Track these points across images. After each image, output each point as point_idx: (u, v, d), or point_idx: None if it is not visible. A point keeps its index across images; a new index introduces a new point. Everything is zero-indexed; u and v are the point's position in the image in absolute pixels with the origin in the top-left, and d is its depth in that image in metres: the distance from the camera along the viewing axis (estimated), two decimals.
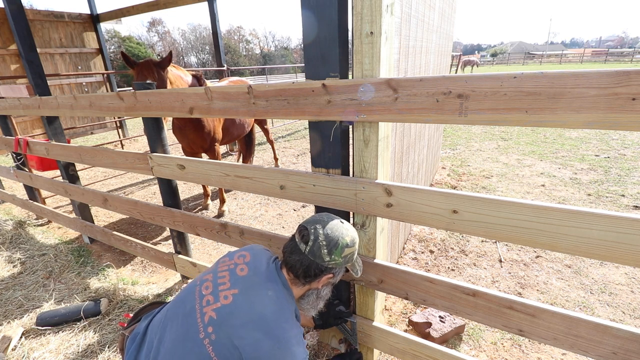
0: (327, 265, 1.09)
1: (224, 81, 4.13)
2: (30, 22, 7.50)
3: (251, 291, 1.05)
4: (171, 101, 1.75)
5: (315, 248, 1.08)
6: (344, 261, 1.12)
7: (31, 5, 35.37)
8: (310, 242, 1.08)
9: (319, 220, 1.13)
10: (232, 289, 1.06)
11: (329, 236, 1.09)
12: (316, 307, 1.22)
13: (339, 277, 1.18)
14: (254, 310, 1.01)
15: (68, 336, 2.05)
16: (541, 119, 0.92)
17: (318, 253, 1.08)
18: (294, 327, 1.04)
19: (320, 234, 1.08)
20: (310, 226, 1.11)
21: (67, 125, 8.06)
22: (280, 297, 1.07)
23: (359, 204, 1.34)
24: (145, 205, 2.30)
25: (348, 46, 1.30)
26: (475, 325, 1.99)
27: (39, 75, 3.41)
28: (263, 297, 1.04)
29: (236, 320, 0.99)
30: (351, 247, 1.13)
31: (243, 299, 1.03)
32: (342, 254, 1.10)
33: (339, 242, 1.09)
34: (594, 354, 1.05)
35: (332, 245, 1.08)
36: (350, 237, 1.13)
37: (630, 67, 0.79)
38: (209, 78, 22.27)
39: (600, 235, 0.92)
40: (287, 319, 1.03)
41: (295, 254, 1.10)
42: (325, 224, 1.11)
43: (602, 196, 3.57)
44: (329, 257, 1.08)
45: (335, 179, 1.38)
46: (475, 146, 6.05)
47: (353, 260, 1.19)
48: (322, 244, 1.08)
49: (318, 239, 1.08)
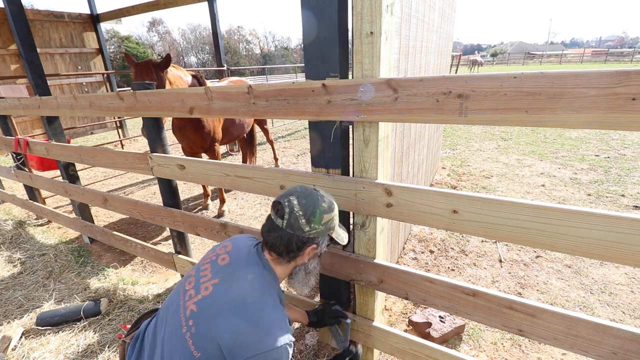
0: (308, 236, 1.05)
1: (223, 81, 4.13)
2: (30, 22, 7.50)
3: (231, 279, 1.02)
4: (171, 101, 1.75)
5: (292, 220, 1.03)
6: (326, 228, 1.08)
7: (32, 6, 35.38)
8: (286, 215, 1.03)
9: (292, 192, 1.08)
10: (213, 279, 1.03)
11: (304, 205, 1.04)
12: (307, 283, 1.18)
13: (324, 246, 1.14)
14: (233, 296, 0.97)
15: (68, 336, 2.05)
16: (541, 119, 0.92)
17: (296, 225, 1.03)
18: (276, 311, 0.99)
19: (295, 204, 1.03)
20: (283, 199, 1.06)
21: (67, 125, 8.06)
22: (260, 280, 1.03)
23: (359, 204, 1.34)
24: (145, 205, 2.30)
25: (348, 46, 1.30)
26: (475, 325, 1.99)
27: (39, 75, 3.41)
28: (242, 282, 1.01)
29: (214, 310, 0.95)
30: (330, 212, 1.08)
31: (222, 288, 1.00)
32: (322, 221, 1.06)
33: (316, 209, 1.04)
34: (594, 354, 1.05)
35: (310, 214, 1.03)
36: (327, 202, 1.08)
37: (630, 67, 0.79)
38: (209, 78, 22.29)
39: (600, 235, 0.92)
40: (267, 302, 0.99)
41: (274, 231, 1.05)
42: (298, 194, 1.06)
43: (602, 196, 3.57)
44: (309, 226, 1.04)
45: (335, 179, 1.38)
46: (475, 146, 6.05)
47: (335, 228, 1.14)
48: (298, 214, 1.03)
49: (294, 210, 1.03)
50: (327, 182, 1.40)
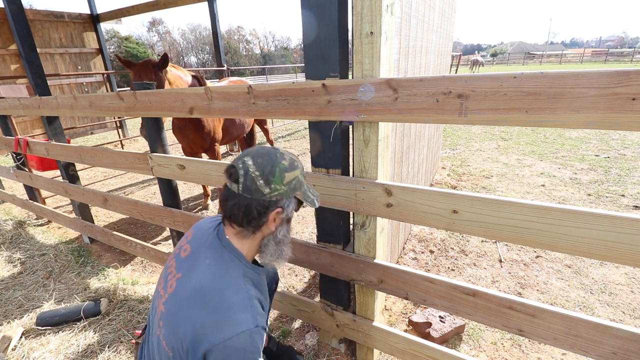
0: (269, 199, 0.93)
1: (223, 81, 4.13)
2: (30, 22, 7.50)
3: (190, 269, 0.94)
4: (171, 101, 1.75)
5: (248, 183, 0.91)
6: (290, 189, 0.96)
7: (30, 5, 35.37)
8: (241, 179, 0.91)
9: (247, 153, 0.96)
10: (177, 274, 0.96)
11: (261, 164, 0.92)
12: (281, 255, 1.05)
13: (292, 210, 1.01)
14: (191, 288, 0.89)
15: (68, 336, 2.05)
16: (541, 119, 0.92)
17: (254, 187, 0.91)
18: (240, 292, 0.89)
19: (250, 165, 0.92)
20: (237, 162, 0.94)
21: (67, 125, 8.06)
22: (219, 262, 0.93)
23: (359, 204, 1.34)
24: (145, 205, 2.30)
25: (348, 46, 1.30)
26: (475, 325, 1.99)
27: (39, 75, 3.41)
28: (200, 270, 0.92)
29: (176, 307, 0.89)
30: (292, 170, 0.96)
31: (183, 281, 0.92)
32: (284, 181, 0.94)
33: (275, 167, 0.93)
34: (594, 354, 1.05)
35: (268, 173, 0.91)
36: (288, 159, 0.97)
37: (630, 67, 0.79)
38: (209, 78, 22.29)
39: (600, 235, 0.92)
40: (229, 284, 0.90)
41: (230, 199, 0.93)
42: (254, 154, 0.94)
43: (602, 196, 3.57)
44: (268, 187, 0.92)
45: (335, 179, 1.38)
46: (475, 146, 6.05)
47: (303, 189, 1.02)
48: (255, 175, 0.91)
49: (249, 172, 0.91)
50: (327, 182, 1.40)
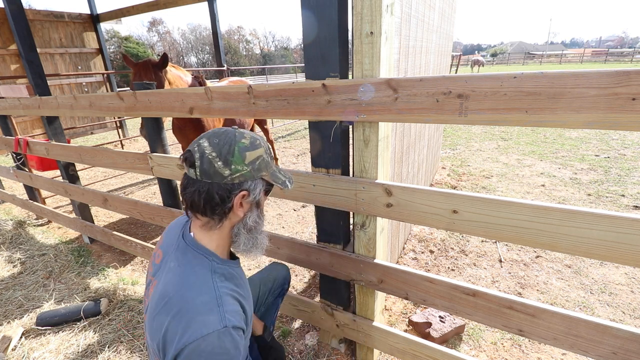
0: (231, 181, 0.85)
1: (223, 81, 4.13)
2: (30, 22, 7.50)
3: (161, 274, 0.89)
4: (171, 101, 1.75)
5: (205, 166, 0.83)
6: (254, 169, 0.87)
7: (29, 5, 35.35)
8: (197, 162, 0.83)
9: (203, 135, 0.88)
10: (153, 282, 0.91)
11: (218, 144, 0.84)
12: (255, 244, 0.97)
13: (259, 193, 0.93)
14: (158, 293, 0.84)
15: (68, 336, 2.05)
16: (541, 119, 0.92)
17: (212, 170, 0.83)
18: (206, 292, 0.81)
19: (206, 146, 0.84)
20: (192, 145, 0.86)
21: (67, 125, 8.06)
22: (183, 263, 0.87)
23: (359, 204, 1.34)
24: (145, 205, 2.30)
25: (348, 46, 1.30)
26: (475, 325, 1.99)
27: (39, 75, 3.41)
28: (166, 276, 0.87)
29: (150, 315, 0.83)
30: (254, 149, 0.88)
31: (154, 290, 0.87)
32: (245, 160, 0.85)
33: (233, 146, 0.84)
34: (594, 354, 1.05)
35: (226, 153, 0.83)
36: (248, 137, 0.88)
37: (630, 67, 0.79)
38: (209, 78, 22.29)
39: (600, 235, 0.92)
40: (192, 285, 0.82)
41: (189, 186, 0.86)
42: (210, 135, 0.86)
43: (602, 196, 3.57)
44: (228, 169, 0.84)
45: (335, 179, 1.38)
46: (475, 146, 6.05)
47: (270, 169, 0.93)
48: (211, 156, 0.83)
49: (205, 154, 0.83)
50: (327, 182, 1.40)
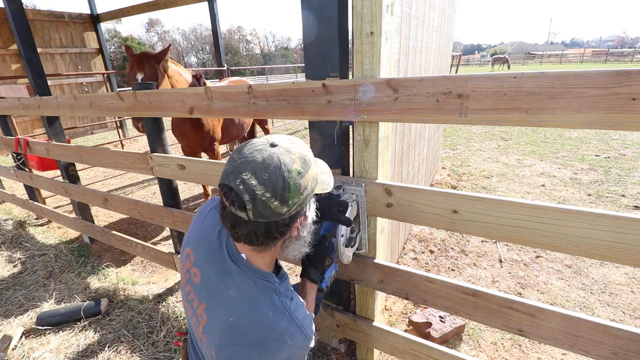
0: (290, 215, 0.77)
1: (224, 81, 4.13)
2: (30, 22, 7.46)
3: (213, 300, 0.82)
4: (171, 101, 1.75)
5: (260, 208, 0.72)
6: (308, 193, 0.78)
7: (34, 6, 35.36)
8: (248, 205, 0.71)
9: (243, 165, 0.73)
10: (201, 303, 0.85)
11: (269, 181, 0.71)
12: (305, 245, 0.92)
13: (314, 208, 0.88)
14: (222, 322, 0.79)
15: (68, 336, 2.05)
16: (541, 119, 0.92)
17: (268, 212, 0.73)
18: (279, 315, 0.79)
19: (254, 185, 0.71)
20: (234, 181, 0.72)
21: (67, 125, 8.06)
22: (244, 290, 0.81)
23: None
24: (146, 205, 2.30)
25: (348, 46, 1.30)
26: (475, 325, 1.99)
27: (39, 75, 3.41)
28: (226, 303, 0.80)
29: (215, 341, 0.80)
30: (307, 169, 0.77)
31: (211, 315, 0.82)
32: (301, 189, 0.75)
33: (288, 180, 0.73)
34: (594, 354, 1.05)
35: (281, 190, 0.72)
36: (297, 158, 0.76)
37: (630, 67, 0.79)
38: (209, 78, 22.28)
39: (600, 235, 0.92)
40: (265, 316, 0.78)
41: (240, 227, 0.75)
42: (255, 168, 0.72)
43: (602, 196, 3.57)
44: (286, 206, 0.74)
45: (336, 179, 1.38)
46: (475, 146, 6.05)
47: (319, 179, 0.85)
48: (265, 197, 0.71)
49: (256, 195, 0.71)
50: None
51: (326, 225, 1.18)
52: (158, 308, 2.25)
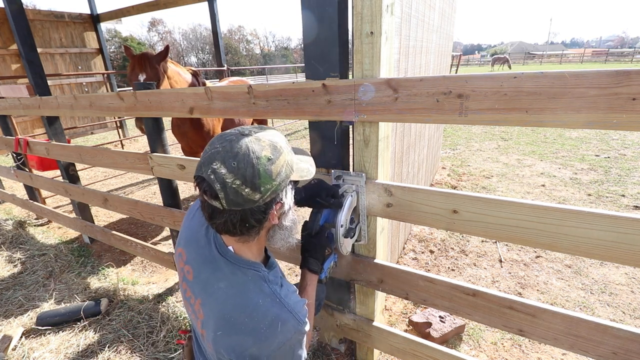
0: (264, 201, 0.78)
1: (224, 81, 4.13)
2: (30, 22, 7.46)
3: (206, 294, 0.84)
4: (171, 101, 1.75)
5: (231, 196, 0.73)
6: (281, 179, 0.79)
7: (34, 6, 35.33)
8: (220, 194, 0.73)
9: (214, 155, 0.75)
10: (197, 299, 0.87)
11: (238, 168, 0.73)
12: (291, 234, 0.94)
13: (291, 194, 0.88)
14: (215, 315, 0.81)
15: (68, 336, 2.05)
16: (541, 119, 0.91)
17: (240, 199, 0.74)
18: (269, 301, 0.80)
19: (224, 173, 0.73)
20: (206, 172, 0.74)
21: (67, 125, 8.05)
22: (234, 282, 0.82)
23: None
24: (146, 205, 2.30)
25: (348, 46, 1.29)
26: (476, 325, 1.99)
27: (39, 75, 3.41)
28: (217, 295, 0.82)
29: (212, 334, 0.81)
30: (278, 156, 0.78)
31: (206, 309, 0.84)
32: (273, 175, 0.76)
33: (257, 167, 0.74)
34: (594, 354, 1.05)
35: (251, 177, 0.73)
36: (267, 145, 0.77)
37: (631, 67, 0.79)
38: (209, 78, 22.29)
39: (600, 235, 0.92)
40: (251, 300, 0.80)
41: (217, 217, 0.78)
42: (224, 156, 0.74)
43: (602, 196, 3.57)
44: (258, 193, 0.75)
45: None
46: (475, 146, 6.05)
47: (294, 165, 0.85)
48: (235, 185, 0.73)
49: (227, 183, 0.72)
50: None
51: (325, 215, 1.19)
52: (158, 308, 2.25)
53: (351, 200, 1.24)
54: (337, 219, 1.18)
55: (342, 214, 1.18)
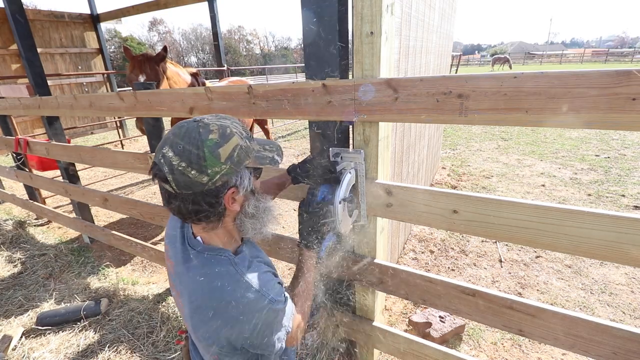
0: (213, 186, 0.77)
1: (224, 81, 4.14)
2: (30, 22, 7.46)
3: (182, 287, 0.87)
4: (171, 101, 1.75)
5: (179, 178, 0.74)
6: (233, 163, 0.79)
7: (34, 6, 35.30)
8: (169, 177, 0.75)
9: (166, 140, 0.78)
10: (177, 291, 0.91)
11: (183, 151, 0.74)
12: (264, 224, 0.93)
13: (248, 181, 0.86)
14: (189, 306, 0.83)
15: (68, 336, 2.05)
16: (541, 119, 0.91)
17: (188, 181, 0.75)
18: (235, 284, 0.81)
19: (171, 156, 0.74)
20: (158, 157, 0.77)
21: (67, 125, 8.05)
22: (202, 271, 0.84)
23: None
24: (146, 205, 2.30)
25: (348, 46, 1.29)
26: (475, 325, 1.99)
27: (39, 75, 3.41)
28: (189, 287, 0.85)
29: (190, 325, 0.84)
30: (227, 140, 0.78)
31: (184, 301, 0.86)
32: (221, 158, 0.76)
33: (201, 149, 0.75)
34: (594, 354, 1.05)
35: (196, 159, 0.74)
36: (216, 129, 0.77)
37: (631, 67, 0.79)
38: (209, 78, 22.29)
39: (600, 235, 0.92)
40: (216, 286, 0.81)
41: (172, 201, 0.80)
42: (172, 141, 0.76)
43: (602, 196, 3.57)
44: (205, 175, 0.75)
45: None
46: (475, 146, 6.05)
47: (252, 153, 0.85)
48: (181, 167, 0.74)
49: (173, 166, 0.74)
50: None
51: (323, 191, 1.17)
52: (158, 308, 2.25)
53: (350, 177, 1.22)
54: (335, 195, 1.14)
55: (341, 189, 1.15)
